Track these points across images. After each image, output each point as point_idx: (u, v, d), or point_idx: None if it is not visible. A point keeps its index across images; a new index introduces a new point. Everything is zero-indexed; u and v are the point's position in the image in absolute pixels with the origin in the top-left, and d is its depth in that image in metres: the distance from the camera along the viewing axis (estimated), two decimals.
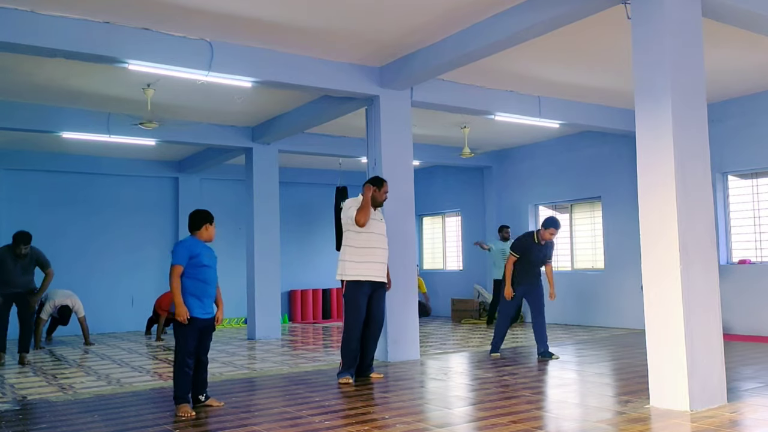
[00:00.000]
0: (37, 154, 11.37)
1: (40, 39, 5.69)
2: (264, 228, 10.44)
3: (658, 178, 4.64)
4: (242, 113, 9.46)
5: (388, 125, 7.49)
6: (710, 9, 5.06)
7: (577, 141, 11.26)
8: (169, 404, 5.00)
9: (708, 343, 4.56)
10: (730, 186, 9.29)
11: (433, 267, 14.76)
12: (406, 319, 7.35)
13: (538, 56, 7.13)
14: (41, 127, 8.81)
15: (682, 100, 4.66)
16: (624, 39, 5.98)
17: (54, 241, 11.72)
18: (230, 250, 13.04)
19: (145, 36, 6.13)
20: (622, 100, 9.02)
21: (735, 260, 9.18)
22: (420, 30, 6.35)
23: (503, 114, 8.58)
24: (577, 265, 11.50)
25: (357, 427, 4.25)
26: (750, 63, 7.57)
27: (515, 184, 12.45)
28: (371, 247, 6.02)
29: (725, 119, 9.03)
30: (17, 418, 4.83)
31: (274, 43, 6.64)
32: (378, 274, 6.06)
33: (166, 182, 12.95)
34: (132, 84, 7.67)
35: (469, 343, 8.80)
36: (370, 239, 6.02)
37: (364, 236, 6.01)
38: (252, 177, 10.49)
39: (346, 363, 6.02)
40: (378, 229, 6.11)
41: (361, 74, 7.35)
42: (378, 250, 6.07)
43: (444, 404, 5.05)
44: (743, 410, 4.47)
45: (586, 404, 4.98)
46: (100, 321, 11.45)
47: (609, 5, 5.19)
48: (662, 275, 4.57)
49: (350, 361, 6.01)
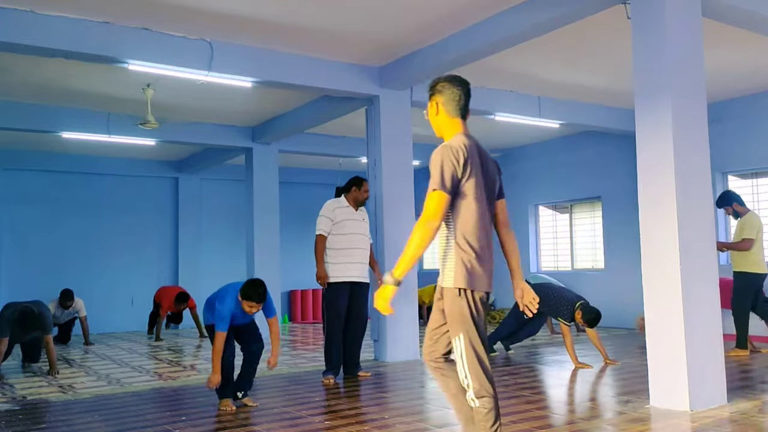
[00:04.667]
0: (37, 154, 11.37)
1: (40, 39, 5.69)
2: (264, 228, 10.43)
3: (658, 178, 4.64)
4: (242, 113, 9.46)
5: (388, 125, 7.49)
6: (710, 9, 5.06)
7: (577, 141, 11.25)
8: (169, 404, 5.00)
9: (708, 343, 4.56)
10: (731, 186, 9.28)
11: (433, 267, 14.76)
12: (406, 319, 7.35)
13: (538, 56, 7.13)
14: (41, 127, 8.81)
15: (682, 100, 4.66)
16: (624, 39, 5.97)
17: (54, 241, 11.75)
18: (230, 249, 13.07)
19: (144, 36, 6.13)
20: (622, 100, 9.02)
21: None
22: (420, 30, 6.35)
23: (503, 114, 8.58)
24: (577, 265, 11.49)
25: (357, 427, 4.25)
26: (750, 63, 7.56)
27: (515, 184, 12.44)
28: (351, 248, 6.07)
29: (725, 119, 9.02)
30: (17, 418, 4.83)
31: (274, 43, 6.64)
32: (357, 274, 6.11)
33: (166, 182, 12.95)
34: (132, 84, 7.67)
35: None
36: (350, 240, 6.08)
37: (343, 237, 6.09)
38: (252, 177, 10.49)
39: (329, 363, 6.10)
40: (359, 230, 6.17)
41: (361, 74, 7.35)
42: (357, 251, 6.11)
43: (444, 404, 5.04)
44: (743, 410, 4.47)
45: (586, 404, 4.98)
46: (100, 321, 11.43)
47: (609, 5, 5.19)
48: (662, 275, 4.57)
49: (333, 361, 6.08)
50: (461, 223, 2.89)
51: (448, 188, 2.82)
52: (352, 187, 6.26)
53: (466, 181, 2.87)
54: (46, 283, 10.70)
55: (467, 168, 2.87)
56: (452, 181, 2.83)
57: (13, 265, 11.39)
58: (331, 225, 6.09)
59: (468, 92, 3.07)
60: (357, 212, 6.23)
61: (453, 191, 2.85)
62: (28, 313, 6.67)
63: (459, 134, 2.99)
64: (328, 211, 6.15)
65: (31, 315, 6.69)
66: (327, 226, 6.09)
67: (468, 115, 3.09)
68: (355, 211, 6.22)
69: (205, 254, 13.12)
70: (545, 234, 12.20)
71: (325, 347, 6.14)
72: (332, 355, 6.07)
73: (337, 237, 6.09)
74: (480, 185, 2.92)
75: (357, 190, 6.25)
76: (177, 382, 6.34)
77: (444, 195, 2.82)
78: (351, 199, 6.24)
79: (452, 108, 3.03)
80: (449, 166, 2.83)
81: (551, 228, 12.10)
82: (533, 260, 12.21)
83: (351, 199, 6.23)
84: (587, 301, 6.77)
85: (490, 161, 3.07)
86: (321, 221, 6.12)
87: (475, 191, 2.89)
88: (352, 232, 6.10)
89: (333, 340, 6.07)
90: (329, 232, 6.09)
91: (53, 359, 6.97)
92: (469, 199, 2.89)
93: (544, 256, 12.20)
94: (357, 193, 6.24)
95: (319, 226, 6.12)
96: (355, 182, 6.30)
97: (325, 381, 6.01)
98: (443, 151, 2.87)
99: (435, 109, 3.06)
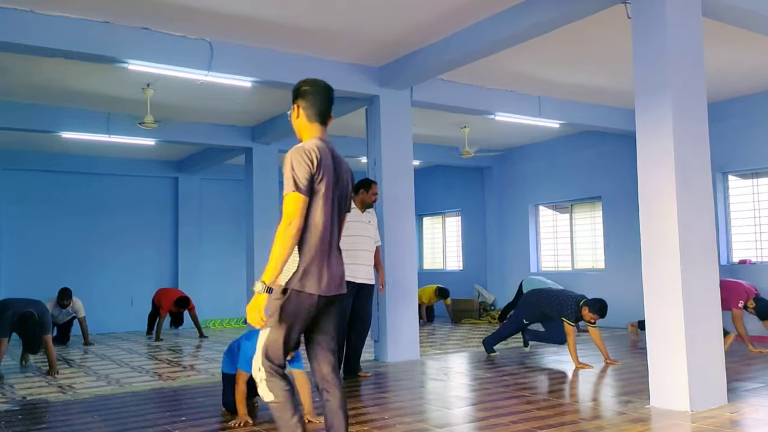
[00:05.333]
0: (37, 154, 11.37)
1: (40, 39, 5.68)
2: (264, 228, 10.43)
3: (658, 178, 4.64)
4: (242, 113, 9.45)
5: (388, 125, 7.49)
6: (710, 9, 5.06)
7: (577, 141, 11.25)
8: (169, 404, 4.99)
9: (708, 343, 4.56)
10: (731, 186, 9.28)
11: (433, 267, 14.75)
12: (406, 319, 7.35)
13: (538, 56, 7.13)
14: (41, 127, 8.81)
15: (682, 99, 4.65)
16: (624, 39, 5.98)
17: (53, 240, 11.74)
18: (230, 249, 13.07)
19: (144, 36, 6.12)
20: (622, 100, 9.02)
21: (735, 260, 9.18)
22: (420, 30, 6.34)
23: (503, 114, 8.58)
24: (577, 265, 11.49)
25: (357, 427, 4.25)
26: (750, 63, 7.56)
27: (515, 184, 12.44)
28: (355, 249, 6.01)
29: (725, 119, 9.02)
30: (17, 418, 4.82)
31: (274, 43, 6.64)
32: (361, 276, 6.07)
33: (165, 182, 12.94)
34: (131, 84, 7.66)
35: (469, 343, 8.79)
36: (355, 242, 6.01)
37: (348, 240, 5.98)
38: (252, 177, 10.49)
39: None
40: (364, 232, 6.11)
41: (361, 74, 7.34)
42: (362, 252, 6.07)
43: (444, 404, 5.04)
44: (743, 410, 4.47)
45: (587, 404, 4.98)
46: (99, 321, 11.42)
47: (609, 5, 5.19)
48: (662, 275, 4.57)
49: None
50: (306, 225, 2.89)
51: (304, 189, 2.84)
52: (360, 189, 6.17)
53: (318, 183, 2.90)
54: (46, 282, 10.68)
55: (320, 169, 2.89)
56: (307, 182, 2.85)
57: (13, 264, 11.39)
58: None
59: (329, 98, 3.08)
60: (363, 214, 6.16)
61: (309, 191, 2.86)
62: (28, 317, 6.69)
63: (314, 138, 3.01)
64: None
65: (32, 319, 6.71)
66: None
67: (329, 121, 3.10)
68: (361, 213, 6.15)
69: (204, 254, 13.12)
70: (545, 234, 12.21)
71: None
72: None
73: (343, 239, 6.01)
74: (329, 189, 2.94)
75: (365, 192, 6.17)
76: (177, 382, 6.33)
77: (300, 196, 2.83)
78: (358, 201, 6.15)
79: (312, 113, 3.04)
80: (302, 168, 2.85)
81: (551, 228, 12.10)
82: (533, 260, 12.21)
83: (358, 201, 6.15)
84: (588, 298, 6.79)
85: (345, 172, 3.09)
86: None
87: (325, 194, 2.91)
88: (356, 234, 6.02)
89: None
90: None
91: (53, 359, 6.97)
92: (317, 201, 2.91)
93: (544, 256, 12.20)
94: (365, 195, 6.16)
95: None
96: (363, 184, 6.20)
97: None
98: (294, 154, 2.89)
99: (296, 112, 3.07)
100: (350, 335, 6.17)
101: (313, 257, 2.90)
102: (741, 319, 7.21)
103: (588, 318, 6.60)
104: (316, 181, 2.89)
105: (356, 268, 6.02)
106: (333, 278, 2.97)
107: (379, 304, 7.27)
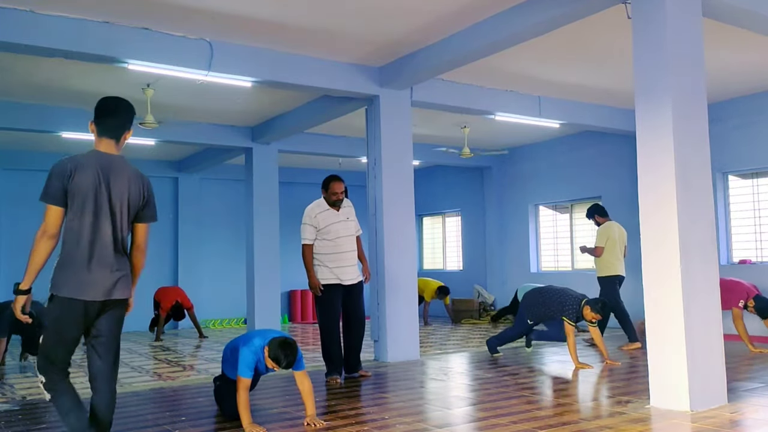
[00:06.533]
0: (37, 154, 11.36)
1: (40, 39, 5.68)
2: (264, 228, 10.44)
3: (658, 178, 4.64)
4: (242, 113, 9.46)
5: (388, 125, 7.49)
6: (710, 9, 5.06)
7: (577, 141, 11.25)
8: (169, 404, 4.99)
9: (708, 343, 4.56)
10: (731, 186, 9.29)
11: (433, 267, 14.75)
12: (406, 319, 7.35)
13: (538, 56, 7.13)
14: (41, 127, 8.81)
15: (682, 99, 4.65)
16: (624, 39, 5.98)
17: None
18: (230, 249, 13.07)
19: (144, 36, 6.12)
20: (622, 100, 9.02)
21: (735, 260, 9.18)
22: (420, 30, 6.34)
23: (503, 114, 8.58)
24: (578, 265, 11.49)
25: (357, 427, 4.25)
26: (750, 63, 7.56)
27: (515, 184, 12.44)
28: (339, 252, 5.98)
29: (725, 119, 9.02)
30: (17, 418, 4.83)
31: (274, 43, 6.64)
32: (350, 277, 6.03)
33: (165, 182, 12.93)
34: (131, 84, 7.66)
35: (469, 343, 8.79)
36: (337, 244, 5.97)
37: (329, 243, 5.98)
38: (252, 177, 10.49)
39: (330, 364, 6.04)
40: (344, 231, 6.04)
41: (361, 74, 7.34)
42: (346, 254, 6.02)
43: (444, 404, 5.04)
44: (744, 410, 4.47)
45: (587, 404, 4.98)
46: None
47: (609, 5, 5.19)
48: (662, 275, 4.56)
49: (334, 361, 6.02)
50: (64, 231, 3.17)
51: (55, 199, 3.12)
52: (322, 190, 6.11)
53: (72, 192, 3.14)
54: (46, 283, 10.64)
55: (71, 180, 3.13)
56: (59, 192, 3.12)
57: (12, 265, 11.36)
58: (315, 232, 5.96)
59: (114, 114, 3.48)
60: (339, 212, 6.08)
61: (62, 202, 3.13)
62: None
63: (91, 150, 3.32)
64: (309, 218, 5.99)
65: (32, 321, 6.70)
66: (311, 234, 5.96)
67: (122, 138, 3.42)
68: (338, 212, 6.07)
69: (204, 254, 13.11)
70: (545, 234, 12.21)
71: (322, 349, 6.09)
72: (332, 355, 6.02)
73: (324, 243, 5.97)
74: (90, 199, 3.16)
75: (325, 192, 6.09)
76: (177, 382, 6.33)
77: (52, 207, 3.12)
78: (327, 201, 6.10)
79: (96, 128, 3.40)
80: (54, 180, 3.14)
81: (551, 228, 12.10)
82: (533, 260, 12.22)
83: (327, 202, 6.10)
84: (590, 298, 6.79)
85: (128, 182, 3.31)
86: (305, 230, 5.98)
87: (83, 203, 3.15)
88: (337, 236, 5.98)
89: (331, 341, 6.01)
90: (315, 239, 5.99)
91: None
92: (73, 209, 3.15)
93: (544, 256, 12.21)
94: (325, 195, 6.08)
95: (303, 235, 5.99)
96: (323, 184, 6.12)
97: (331, 381, 5.95)
98: (53, 167, 3.19)
99: (92, 127, 3.42)
100: (349, 336, 6.15)
101: (69, 263, 3.17)
102: (741, 319, 7.21)
103: (589, 317, 6.60)
104: (70, 192, 3.14)
105: (341, 270, 5.98)
106: (98, 285, 3.21)
107: (379, 304, 7.27)
